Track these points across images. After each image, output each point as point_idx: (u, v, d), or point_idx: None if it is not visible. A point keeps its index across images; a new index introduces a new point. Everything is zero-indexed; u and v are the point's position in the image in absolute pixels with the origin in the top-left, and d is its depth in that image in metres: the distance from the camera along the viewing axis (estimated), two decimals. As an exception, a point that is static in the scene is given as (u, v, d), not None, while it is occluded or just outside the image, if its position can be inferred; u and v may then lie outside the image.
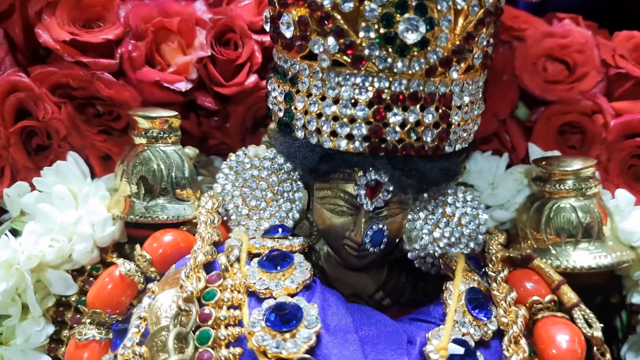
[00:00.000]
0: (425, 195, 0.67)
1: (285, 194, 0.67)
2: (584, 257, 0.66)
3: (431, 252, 0.67)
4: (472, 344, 0.56)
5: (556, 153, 0.75)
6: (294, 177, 0.67)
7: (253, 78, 0.75)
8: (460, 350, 0.54)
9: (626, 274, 0.68)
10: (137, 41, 0.71)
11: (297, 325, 0.53)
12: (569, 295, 0.63)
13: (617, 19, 0.86)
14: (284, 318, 0.53)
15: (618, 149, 0.72)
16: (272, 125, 0.71)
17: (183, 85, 0.73)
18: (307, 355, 0.49)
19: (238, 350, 0.53)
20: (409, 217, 0.67)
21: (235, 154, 0.69)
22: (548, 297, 0.63)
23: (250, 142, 0.72)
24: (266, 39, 0.74)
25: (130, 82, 0.71)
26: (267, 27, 0.64)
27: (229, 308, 0.56)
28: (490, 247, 0.68)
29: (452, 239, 0.67)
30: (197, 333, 0.54)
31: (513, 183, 0.75)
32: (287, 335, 0.52)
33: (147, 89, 0.72)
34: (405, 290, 0.69)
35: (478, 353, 0.56)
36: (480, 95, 0.64)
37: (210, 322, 0.54)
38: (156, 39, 0.73)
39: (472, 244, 0.68)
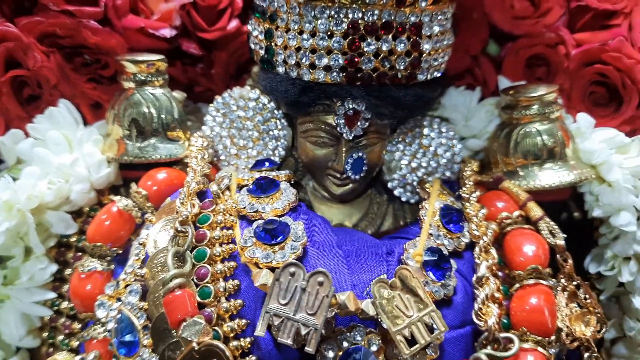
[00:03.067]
0: (403, 127, 0.72)
1: (271, 132, 0.71)
2: (548, 176, 0.71)
3: (409, 181, 0.72)
4: (446, 253, 0.62)
5: (522, 83, 0.79)
6: (278, 116, 0.71)
7: (235, 23, 0.78)
8: (433, 256, 0.59)
9: (587, 190, 0.73)
10: (121, -11, 0.74)
11: (285, 239, 0.57)
12: (535, 210, 0.68)
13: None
14: (273, 234, 0.58)
15: (579, 77, 0.77)
16: (256, 69, 0.75)
17: (167, 32, 0.75)
18: (294, 261, 0.54)
19: (232, 264, 0.58)
20: (388, 149, 0.71)
21: (221, 96, 0.73)
22: (516, 213, 0.68)
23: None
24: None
25: (116, 29, 0.74)
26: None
27: (222, 229, 0.60)
28: (464, 173, 0.73)
29: (429, 168, 0.72)
30: (194, 252, 0.58)
31: (485, 114, 0.79)
32: (276, 248, 0.57)
33: (132, 37, 0.75)
34: (387, 218, 0.74)
35: (452, 261, 0.61)
36: (449, 27, 0.68)
37: (205, 242, 0.59)
38: (139, -14, 0.75)
39: (448, 173, 0.73)
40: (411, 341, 0.54)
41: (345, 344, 0.53)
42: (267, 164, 0.69)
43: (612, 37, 0.76)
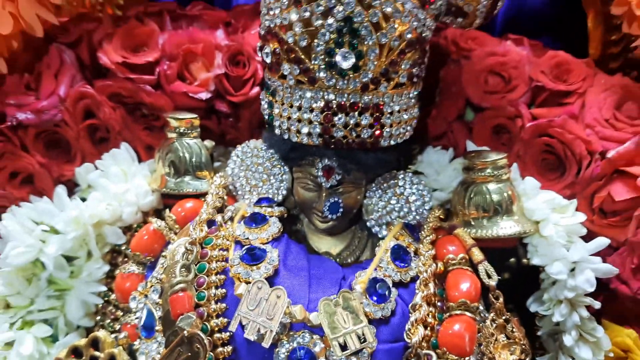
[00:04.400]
0: (380, 179, 0.89)
1: (276, 176, 0.90)
2: (494, 227, 0.85)
3: (385, 221, 0.88)
4: (390, 283, 0.78)
5: (485, 149, 0.94)
6: (282, 164, 0.91)
7: (256, 89, 0.98)
8: (375, 284, 0.76)
9: (529, 242, 0.87)
10: (171, 62, 0.97)
11: (261, 262, 0.77)
12: (477, 254, 0.82)
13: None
14: (253, 257, 0.77)
15: (531, 146, 0.90)
16: (271, 125, 0.95)
17: (204, 95, 0.97)
18: (262, 279, 0.73)
19: (223, 277, 0.78)
20: (368, 194, 0.88)
21: (240, 146, 0.94)
22: (460, 255, 0.83)
23: (258, 139, 0.96)
24: (266, 61, 0.98)
25: (166, 92, 0.96)
26: (259, 54, 0.89)
27: (219, 250, 0.81)
28: (428, 219, 0.89)
29: (402, 213, 0.87)
30: (197, 266, 0.79)
31: (453, 172, 0.94)
32: (254, 268, 0.76)
33: (178, 98, 0.97)
34: (365, 251, 0.90)
35: (394, 289, 0.78)
36: (412, 104, 0.85)
37: (206, 259, 0.79)
38: (185, 60, 0.98)
39: (418, 217, 0.88)
40: (345, 347, 0.71)
41: (295, 344, 0.71)
42: (266, 201, 0.89)
43: (565, 114, 0.90)
